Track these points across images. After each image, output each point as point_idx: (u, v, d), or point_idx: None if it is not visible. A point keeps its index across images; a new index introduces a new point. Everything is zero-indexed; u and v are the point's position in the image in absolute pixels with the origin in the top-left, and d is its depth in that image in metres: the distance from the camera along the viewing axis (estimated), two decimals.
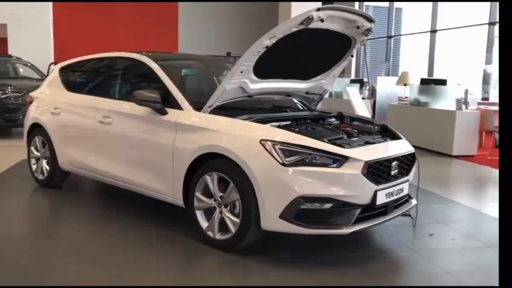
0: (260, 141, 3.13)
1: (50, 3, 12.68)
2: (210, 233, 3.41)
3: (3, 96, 8.58)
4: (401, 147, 3.65)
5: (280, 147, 3.09)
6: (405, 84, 9.78)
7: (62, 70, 5.15)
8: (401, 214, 3.57)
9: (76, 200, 4.70)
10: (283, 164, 3.04)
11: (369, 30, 3.80)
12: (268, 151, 3.08)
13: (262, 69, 3.63)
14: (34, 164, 5.15)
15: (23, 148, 5.68)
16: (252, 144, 3.15)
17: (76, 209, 4.41)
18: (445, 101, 8.44)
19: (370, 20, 3.73)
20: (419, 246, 3.61)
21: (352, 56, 4.12)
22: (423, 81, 9.60)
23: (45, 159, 5.00)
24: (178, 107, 3.69)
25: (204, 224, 3.45)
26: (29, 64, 10.49)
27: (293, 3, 12.95)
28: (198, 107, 3.63)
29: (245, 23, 21.49)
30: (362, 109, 5.25)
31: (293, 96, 4.38)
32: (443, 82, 9.10)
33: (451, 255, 3.47)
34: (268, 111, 3.98)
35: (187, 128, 3.53)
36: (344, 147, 3.22)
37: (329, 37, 3.70)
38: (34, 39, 12.19)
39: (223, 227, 3.34)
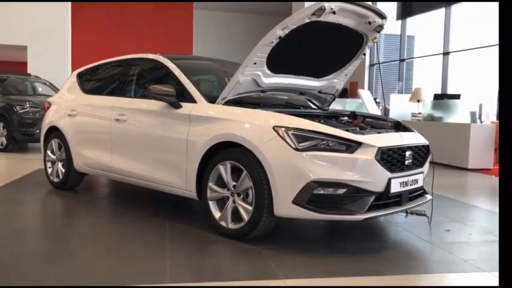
0: (273, 128, 3.15)
1: (69, 24, 13.05)
2: (223, 223, 3.39)
3: (22, 111, 8.77)
4: (414, 138, 3.63)
5: (294, 132, 3.10)
6: (418, 101, 9.77)
7: (80, 75, 5.27)
8: (416, 206, 3.53)
9: (90, 200, 4.74)
10: (296, 149, 3.05)
11: (381, 26, 3.85)
12: (281, 137, 3.10)
13: (276, 64, 3.68)
14: (50, 167, 5.22)
15: (39, 160, 5.78)
16: (265, 130, 3.17)
17: (89, 207, 4.43)
18: (459, 115, 8.41)
19: (382, 16, 3.78)
20: (436, 240, 3.55)
21: (364, 54, 4.16)
22: (437, 97, 9.60)
23: (60, 161, 5.06)
24: (192, 100, 3.74)
25: (217, 214, 3.44)
26: (47, 83, 10.75)
27: None
28: (211, 100, 3.68)
29: (259, 30, 21.69)
30: (375, 110, 5.25)
31: (306, 95, 4.42)
32: (456, 97, 9.09)
33: (469, 247, 3.40)
34: (281, 107, 4.01)
35: (201, 120, 3.57)
36: (357, 134, 3.22)
37: (341, 34, 3.76)
38: (53, 60, 12.51)
39: (235, 216, 3.33)
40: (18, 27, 12.32)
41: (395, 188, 3.22)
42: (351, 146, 3.11)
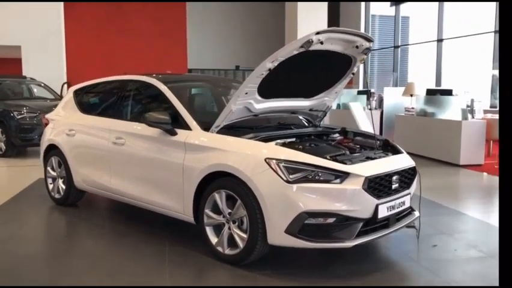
0: (265, 160, 3.29)
1: (62, 24, 13.03)
2: (219, 248, 3.56)
3: (19, 116, 8.85)
4: (401, 161, 3.77)
5: (285, 165, 3.24)
6: (411, 95, 9.89)
7: (76, 93, 5.37)
8: (403, 226, 3.69)
9: (91, 217, 4.89)
10: (287, 181, 3.19)
11: (368, 49, 3.96)
12: (273, 169, 3.24)
13: (266, 90, 3.80)
14: (51, 183, 5.35)
15: (38, 167, 5.91)
16: (257, 162, 3.31)
17: (91, 225, 4.59)
18: (451, 111, 8.54)
19: (369, 40, 3.89)
20: (423, 257, 3.73)
21: (353, 73, 4.28)
22: (429, 92, 9.71)
23: (61, 178, 5.20)
24: (187, 127, 3.87)
25: (214, 239, 3.61)
26: (42, 84, 10.79)
27: (299, 18, 13.20)
28: (206, 127, 3.81)
29: (253, 37, 21.81)
30: (365, 124, 5.39)
31: (297, 114, 4.54)
32: (448, 92, 9.20)
33: (453, 266, 3.58)
34: (273, 128, 4.13)
35: (196, 148, 3.70)
36: (345, 163, 3.36)
37: (330, 57, 3.87)
38: (47, 60, 12.53)
39: (231, 242, 3.49)
40: (11, 27, 12.31)
41: (383, 213, 3.38)
42: (340, 176, 3.25)
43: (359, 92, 12.42)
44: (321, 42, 3.52)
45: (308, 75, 4.05)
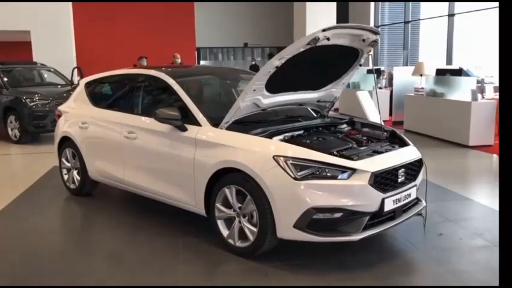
0: (273, 157, 3.37)
1: (70, 8, 13.05)
2: (230, 241, 3.69)
3: (32, 104, 9.00)
4: (407, 154, 3.83)
5: (292, 162, 3.33)
6: (421, 75, 9.83)
7: (87, 85, 5.46)
8: (410, 217, 3.78)
9: (106, 208, 5.03)
10: (295, 178, 3.28)
11: (375, 41, 3.98)
12: (281, 166, 3.33)
13: (274, 85, 3.85)
14: (66, 174, 5.51)
15: (52, 154, 6.05)
16: (266, 159, 3.40)
17: (106, 218, 4.74)
18: (461, 92, 8.51)
19: (375, 33, 3.90)
20: (429, 246, 3.84)
21: (360, 65, 4.31)
22: (439, 72, 9.65)
23: (75, 169, 5.35)
24: (196, 123, 3.95)
25: (225, 232, 3.74)
26: (52, 70, 10.90)
27: None
28: (215, 122, 3.89)
29: (261, 14, 21.65)
30: (374, 113, 5.42)
31: (305, 105, 4.59)
32: (458, 72, 9.14)
33: (458, 255, 3.68)
34: (281, 121, 4.21)
35: (206, 144, 3.79)
36: (352, 158, 3.44)
37: (337, 49, 3.89)
38: (56, 44, 12.61)
39: (242, 234, 3.62)
40: (20, 12, 12.35)
41: (389, 206, 3.47)
42: (346, 172, 3.34)
43: (369, 71, 12.33)
44: (328, 39, 3.56)
45: (315, 68, 4.08)
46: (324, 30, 3.47)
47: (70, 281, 3.38)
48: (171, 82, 4.32)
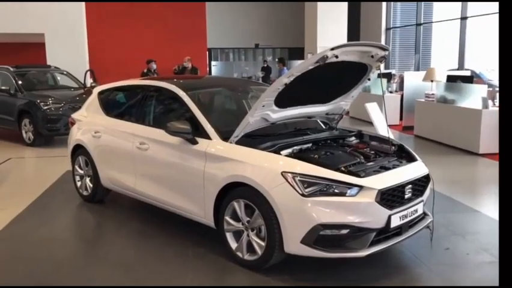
0: (282, 173, 3.44)
1: (84, 11, 13.21)
2: (239, 253, 3.77)
3: (45, 107, 9.16)
4: (415, 170, 3.87)
5: (300, 179, 3.39)
6: (432, 81, 9.82)
7: (100, 94, 5.57)
8: (416, 232, 3.81)
9: (117, 216, 5.14)
10: (303, 195, 3.34)
11: (383, 57, 4.02)
12: (289, 183, 3.39)
13: (283, 100, 3.91)
14: (78, 181, 5.63)
15: (65, 158, 6.16)
16: (274, 175, 3.46)
17: (117, 225, 4.85)
18: (472, 99, 8.49)
19: (383, 49, 3.95)
20: (435, 261, 3.87)
21: (369, 79, 4.35)
22: (450, 78, 9.63)
23: (88, 177, 5.46)
24: (207, 136, 4.03)
25: (234, 244, 3.81)
26: (65, 73, 11.06)
27: None
28: (225, 136, 3.96)
29: (272, 15, 21.69)
30: (382, 126, 5.46)
31: (314, 117, 4.64)
32: (469, 79, 9.12)
33: (464, 272, 3.71)
34: (290, 135, 4.27)
35: (216, 158, 3.87)
36: (359, 175, 3.49)
37: (346, 64, 3.94)
38: (70, 47, 12.75)
39: (250, 248, 3.69)
40: (34, 14, 12.51)
41: (395, 222, 3.52)
42: (354, 189, 3.39)
43: (379, 76, 12.29)
44: (336, 56, 3.60)
45: (324, 83, 4.13)
46: (332, 49, 3.52)
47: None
48: (182, 94, 4.40)
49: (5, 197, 5.98)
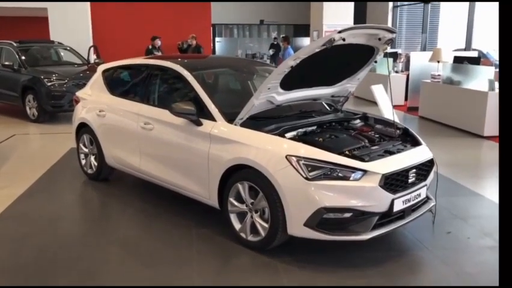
0: (286, 157, 3.44)
1: None
2: (242, 234, 3.81)
3: (49, 83, 9.14)
4: (419, 155, 3.87)
5: (304, 162, 3.39)
6: (438, 61, 9.72)
7: (104, 72, 5.54)
8: (418, 216, 3.84)
9: (122, 195, 5.17)
10: (306, 178, 3.35)
11: (391, 39, 3.98)
12: (293, 166, 3.40)
13: (288, 82, 3.89)
14: (83, 159, 5.66)
15: (69, 135, 6.18)
16: (278, 158, 3.47)
17: (122, 205, 4.88)
18: (478, 81, 8.42)
19: (391, 31, 3.90)
20: (436, 245, 3.90)
21: (376, 61, 4.32)
22: (457, 59, 9.53)
23: (93, 155, 5.49)
24: (211, 118, 4.02)
25: (237, 225, 3.85)
26: (68, 48, 10.99)
27: None
28: (230, 118, 3.95)
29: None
30: (388, 109, 5.43)
31: (319, 100, 4.62)
32: (476, 60, 9.02)
33: (465, 256, 3.75)
34: (295, 117, 4.25)
35: (220, 140, 3.87)
36: (363, 159, 3.49)
37: (352, 47, 3.90)
38: (73, 22, 12.64)
39: (254, 229, 3.72)
40: None
41: (398, 206, 3.54)
42: (358, 173, 3.40)
43: (385, 55, 12.17)
44: (343, 39, 3.56)
45: (330, 65, 4.10)
46: (340, 32, 3.48)
47: (87, 268, 3.54)
48: (186, 74, 4.38)
49: (10, 174, 6.03)
